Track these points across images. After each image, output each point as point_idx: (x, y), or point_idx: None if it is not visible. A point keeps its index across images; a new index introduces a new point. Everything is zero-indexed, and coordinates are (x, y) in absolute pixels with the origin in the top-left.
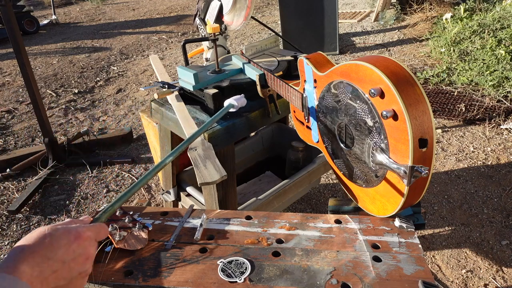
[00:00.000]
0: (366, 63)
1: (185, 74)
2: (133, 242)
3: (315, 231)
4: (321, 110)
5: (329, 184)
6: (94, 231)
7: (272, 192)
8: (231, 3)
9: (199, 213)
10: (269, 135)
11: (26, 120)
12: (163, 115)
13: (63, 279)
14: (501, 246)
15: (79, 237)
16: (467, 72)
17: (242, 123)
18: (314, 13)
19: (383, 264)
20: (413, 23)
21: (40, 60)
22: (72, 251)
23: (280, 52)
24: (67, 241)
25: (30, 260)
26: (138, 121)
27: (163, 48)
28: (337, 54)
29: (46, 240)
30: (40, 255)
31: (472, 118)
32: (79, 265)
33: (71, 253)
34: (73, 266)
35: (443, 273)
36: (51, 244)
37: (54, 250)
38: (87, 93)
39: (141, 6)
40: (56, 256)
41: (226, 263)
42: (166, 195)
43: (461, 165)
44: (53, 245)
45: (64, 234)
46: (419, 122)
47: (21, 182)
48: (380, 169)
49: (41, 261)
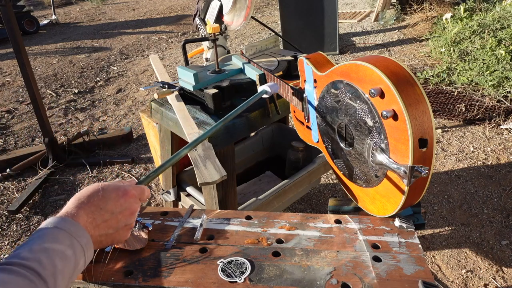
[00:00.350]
0: (366, 63)
1: (185, 74)
2: (133, 242)
3: (315, 231)
4: (321, 110)
5: (329, 184)
6: (139, 191)
7: (272, 192)
8: (231, 3)
9: (199, 213)
10: (269, 135)
11: (26, 120)
12: (163, 115)
13: (111, 228)
14: (501, 246)
15: (126, 193)
16: (467, 72)
17: (242, 123)
18: (314, 13)
19: (383, 264)
20: (413, 23)
21: (40, 60)
22: (120, 205)
23: (280, 52)
24: (116, 196)
25: (86, 209)
26: (138, 121)
27: (163, 48)
28: (337, 54)
29: (99, 193)
30: (94, 205)
31: (472, 118)
32: (125, 218)
33: (119, 206)
34: (120, 218)
35: (443, 273)
36: (103, 197)
37: (106, 202)
38: (87, 93)
39: (141, 6)
40: (107, 207)
41: (226, 263)
42: (166, 195)
43: (461, 165)
44: (105, 197)
45: (114, 190)
46: (419, 122)
47: (21, 182)
48: (380, 169)
49: (95, 210)
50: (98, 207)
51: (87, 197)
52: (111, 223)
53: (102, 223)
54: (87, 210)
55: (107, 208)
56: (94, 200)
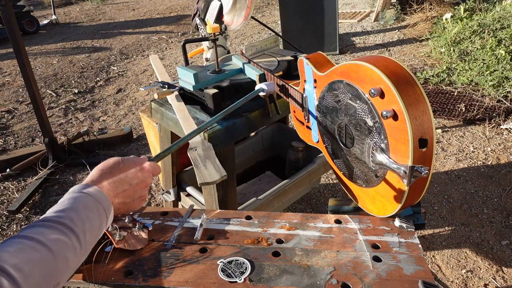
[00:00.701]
0: (366, 63)
1: (185, 74)
2: (133, 242)
3: (315, 231)
4: (321, 110)
5: (329, 184)
6: (152, 166)
7: (272, 192)
8: (231, 3)
9: (199, 213)
10: (269, 135)
11: (26, 120)
12: (163, 115)
13: (128, 198)
14: (501, 246)
15: (143, 168)
16: (467, 72)
17: (242, 123)
18: (314, 13)
19: (383, 264)
20: (413, 23)
21: (40, 60)
22: (137, 177)
23: (280, 52)
24: (134, 169)
25: (109, 178)
26: (138, 121)
27: (163, 48)
28: (337, 54)
29: (120, 165)
30: (115, 176)
31: (472, 118)
32: (141, 189)
33: (136, 178)
34: (136, 189)
35: (443, 273)
36: (124, 169)
37: (126, 174)
38: (87, 93)
39: (141, 6)
40: (126, 178)
41: (226, 263)
42: (166, 195)
43: (461, 165)
44: (125, 169)
45: (132, 163)
46: (419, 122)
47: (21, 182)
48: (380, 169)
49: (116, 180)
50: (119, 177)
51: (109, 168)
52: (129, 193)
53: (122, 192)
54: (109, 180)
55: (126, 179)
56: (115, 171)
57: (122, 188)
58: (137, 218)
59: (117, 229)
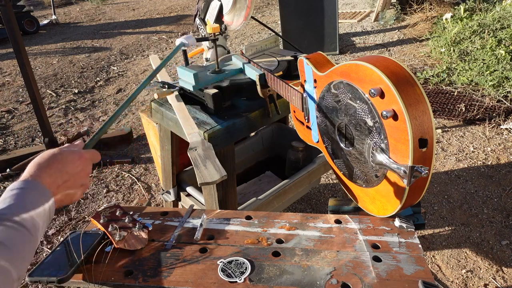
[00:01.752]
0: (366, 63)
1: (185, 74)
2: (133, 242)
3: (315, 231)
4: (321, 110)
5: (329, 184)
6: (91, 154)
7: (272, 192)
8: (231, 3)
9: (199, 213)
10: (269, 135)
11: (26, 120)
12: (163, 115)
13: (70, 188)
14: (501, 246)
15: (81, 157)
16: (467, 72)
17: (242, 123)
18: (314, 13)
19: (383, 264)
20: (413, 23)
21: (40, 60)
22: (77, 167)
23: (280, 52)
24: (72, 158)
25: (48, 171)
26: (138, 121)
27: (163, 48)
28: (337, 54)
29: (58, 157)
30: (54, 168)
31: (472, 118)
32: (82, 178)
33: (76, 168)
34: (77, 179)
35: (443, 273)
36: (62, 160)
37: (64, 164)
38: (87, 93)
39: (141, 6)
40: (66, 169)
41: (226, 263)
42: (166, 195)
43: (461, 165)
44: (63, 160)
45: (70, 154)
46: (419, 122)
47: None
48: (380, 169)
49: (55, 172)
50: (58, 169)
51: (47, 160)
52: (70, 183)
53: (63, 183)
54: (48, 172)
55: (66, 170)
56: (53, 163)
57: (63, 180)
58: (137, 218)
59: (117, 229)
